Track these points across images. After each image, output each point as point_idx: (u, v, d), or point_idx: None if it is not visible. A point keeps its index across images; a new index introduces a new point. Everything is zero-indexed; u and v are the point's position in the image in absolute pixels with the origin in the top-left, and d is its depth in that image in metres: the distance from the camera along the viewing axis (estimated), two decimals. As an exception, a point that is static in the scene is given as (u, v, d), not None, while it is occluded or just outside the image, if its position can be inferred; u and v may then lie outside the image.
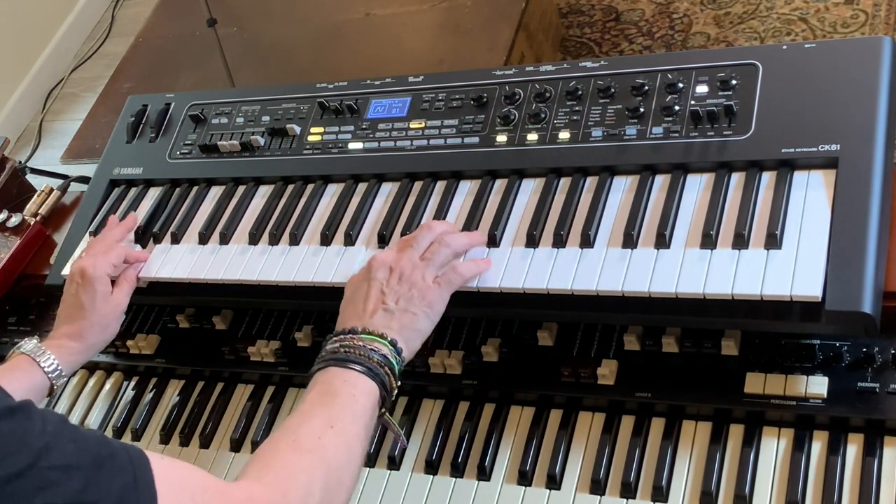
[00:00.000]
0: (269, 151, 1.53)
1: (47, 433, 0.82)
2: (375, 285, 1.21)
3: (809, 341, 1.18)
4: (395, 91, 1.50)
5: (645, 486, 1.19)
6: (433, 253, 1.24)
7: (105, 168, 1.67)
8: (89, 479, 0.81)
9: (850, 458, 1.12)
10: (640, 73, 1.33)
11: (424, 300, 1.20)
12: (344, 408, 1.09)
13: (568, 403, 1.28)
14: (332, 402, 1.09)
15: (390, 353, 1.15)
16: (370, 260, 1.25)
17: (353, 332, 1.16)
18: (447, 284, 1.22)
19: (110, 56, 4.06)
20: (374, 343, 1.15)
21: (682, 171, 1.25)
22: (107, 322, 1.41)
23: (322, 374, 1.13)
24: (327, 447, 1.05)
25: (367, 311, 1.19)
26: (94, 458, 0.83)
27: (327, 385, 1.11)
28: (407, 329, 1.18)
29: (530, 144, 1.34)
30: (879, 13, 2.86)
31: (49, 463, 0.80)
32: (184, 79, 3.46)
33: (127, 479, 0.84)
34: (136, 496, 0.84)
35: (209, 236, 1.48)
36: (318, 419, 1.07)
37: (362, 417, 1.10)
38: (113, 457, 0.85)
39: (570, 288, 1.19)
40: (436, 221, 1.30)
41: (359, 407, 1.10)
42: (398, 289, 1.20)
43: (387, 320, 1.18)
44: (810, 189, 1.17)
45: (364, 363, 1.13)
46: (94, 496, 0.81)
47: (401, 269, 1.21)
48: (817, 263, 1.09)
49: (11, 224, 1.75)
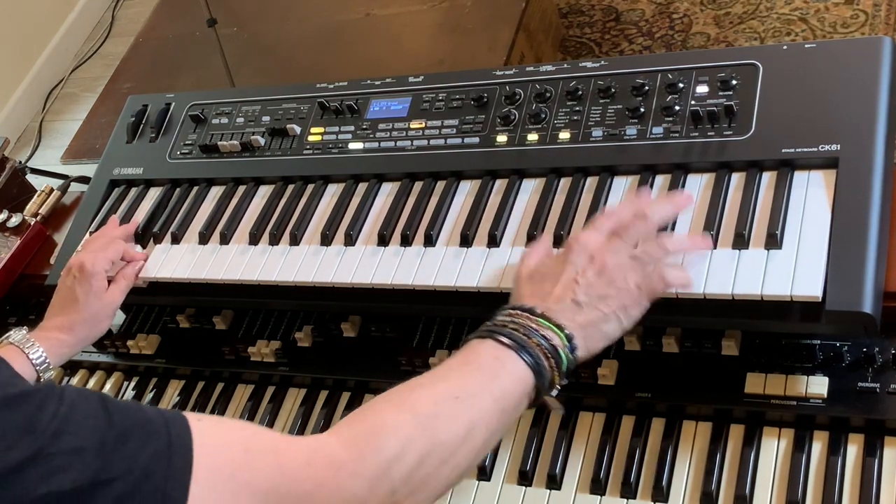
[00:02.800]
0: (270, 151, 1.53)
1: (59, 417, 0.77)
2: (570, 270, 1.08)
3: (809, 341, 1.18)
4: (395, 91, 1.50)
5: (645, 486, 1.19)
6: (646, 254, 1.09)
7: (105, 168, 1.67)
8: (107, 456, 0.77)
9: (851, 458, 1.12)
10: (640, 73, 1.33)
11: (620, 303, 1.06)
12: (481, 383, 0.96)
13: (568, 403, 1.28)
14: (469, 372, 0.97)
15: (562, 346, 1.02)
16: (571, 239, 1.12)
17: (530, 311, 1.04)
18: (649, 292, 1.08)
19: (110, 56, 4.06)
20: (547, 330, 1.02)
21: (683, 171, 1.25)
22: (98, 318, 1.40)
23: (474, 343, 1.01)
24: (440, 415, 0.92)
25: (552, 295, 1.06)
26: (119, 431, 0.78)
27: (474, 354, 0.99)
28: (591, 327, 1.05)
29: (530, 144, 1.34)
30: (879, 13, 2.86)
31: (57, 448, 0.76)
32: (184, 79, 3.46)
33: (159, 446, 0.79)
34: (168, 462, 0.78)
35: (209, 236, 1.48)
36: (443, 384, 0.95)
37: (500, 402, 0.96)
38: (144, 425, 0.80)
39: (571, 288, 1.19)
40: (658, 207, 1.13)
41: (499, 389, 0.97)
42: (595, 282, 1.06)
43: (571, 312, 1.05)
44: (810, 189, 1.17)
45: (527, 346, 1.00)
46: (113, 472, 0.76)
47: (603, 262, 1.07)
48: (817, 263, 1.09)
49: (11, 224, 1.75)
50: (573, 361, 1.04)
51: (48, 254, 1.70)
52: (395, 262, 1.31)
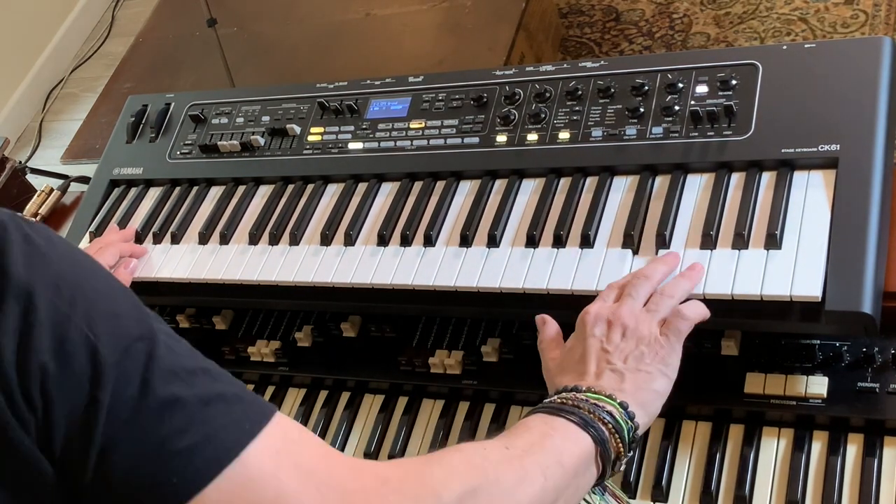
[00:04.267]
0: (269, 151, 1.53)
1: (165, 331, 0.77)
2: (594, 343, 1.05)
3: (809, 341, 1.18)
4: (395, 91, 1.50)
5: (645, 486, 1.19)
6: (656, 304, 1.09)
7: (105, 168, 1.67)
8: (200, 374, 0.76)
9: (850, 458, 1.12)
10: (640, 73, 1.33)
11: (657, 356, 1.04)
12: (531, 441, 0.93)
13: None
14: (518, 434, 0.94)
15: (619, 414, 0.98)
16: (582, 314, 1.10)
17: (575, 390, 1.01)
18: (676, 335, 1.07)
19: (110, 56, 4.06)
20: (600, 401, 0.99)
21: (682, 171, 1.25)
22: None
23: (526, 419, 0.97)
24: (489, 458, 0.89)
25: (590, 373, 1.03)
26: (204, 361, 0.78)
27: (521, 423, 0.96)
28: (642, 391, 1.02)
29: (530, 144, 1.34)
30: (879, 13, 2.86)
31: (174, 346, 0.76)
32: (184, 79, 3.45)
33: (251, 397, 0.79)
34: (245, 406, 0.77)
35: (209, 236, 1.48)
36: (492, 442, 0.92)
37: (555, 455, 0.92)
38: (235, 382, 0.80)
39: (570, 288, 1.19)
40: (652, 267, 1.14)
41: (552, 445, 0.93)
42: (623, 346, 1.04)
43: (617, 381, 1.02)
44: (810, 189, 1.17)
45: (578, 413, 0.96)
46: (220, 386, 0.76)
47: (623, 323, 1.06)
48: (817, 263, 1.09)
49: (11, 224, 1.75)
50: (634, 429, 0.99)
51: (48, 254, 1.70)
52: (395, 262, 1.31)
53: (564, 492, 0.92)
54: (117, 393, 0.71)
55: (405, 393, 1.38)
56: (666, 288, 1.11)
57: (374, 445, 1.34)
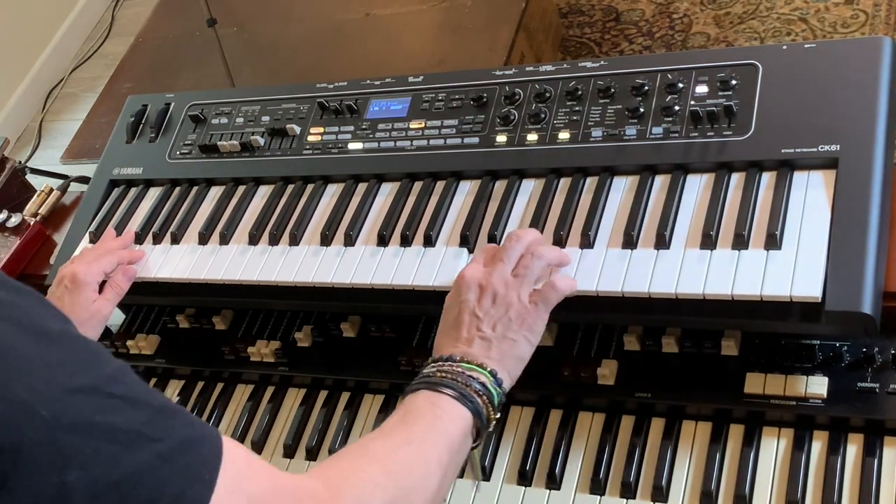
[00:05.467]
0: (269, 151, 1.53)
1: (116, 367, 0.81)
2: (467, 308, 1.13)
3: (809, 341, 1.18)
4: (395, 91, 1.50)
5: (645, 486, 1.19)
6: (526, 268, 1.15)
7: (105, 168, 1.67)
8: (153, 418, 0.79)
9: (850, 458, 1.12)
10: (640, 73, 1.33)
11: (524, 324, 1.12)
12: (427, 428, 1.02)
13: (568, 403, 1.29)
14: (413, 421, 1.02)
15: (490, 382, 1.07)
16: (458, 277, 1.17)
17: (450, 360, 1.09)
18: (545, 303, 1.14)
19: (110, 56, 4.06)
20: (472, 371, 1.07)
21: (682, 172, 1.25)
22: (84, 329, 1.34)
23: (410, 397, 1.06)
24: (399, 461, 0.98)
25: (462, 339, 1.11)
26: (159, 404, 0.81)
27: (412, 406, 1.05)
28: (508, 358, 1.10)
29: (530, 144, 1.34)
30: (879, 13, 2.86)
31: (113, 391, 0.78)
32: (184, 79, 3.46)
33: (194, 433, 0.82)
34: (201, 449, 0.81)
35: (209, 236, 1.48)
36: (395, 436, 1.01)
37: (446, 440, 1.01)
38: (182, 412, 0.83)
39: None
40: (524, 231, 1.20)
41: (443, 429, 1.02)
42: (493, 312, 1.11)
43: (485, 349, 1.10)
44: (810, 189, 1.16)
45: (458, 388, 1.05)
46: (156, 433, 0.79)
47: (494, 290, 1.12)
48: (817, 264, 1.09)
49: (11, 224, 1.75)
50: (502, 394, 1.08)
51: (48, 254, 1.70)
52: (395, 262, 1.31)
53: (452, 469, 1.03)
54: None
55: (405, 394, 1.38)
56: (536, 250, 1.17)
57: (374, 445, 1.34)
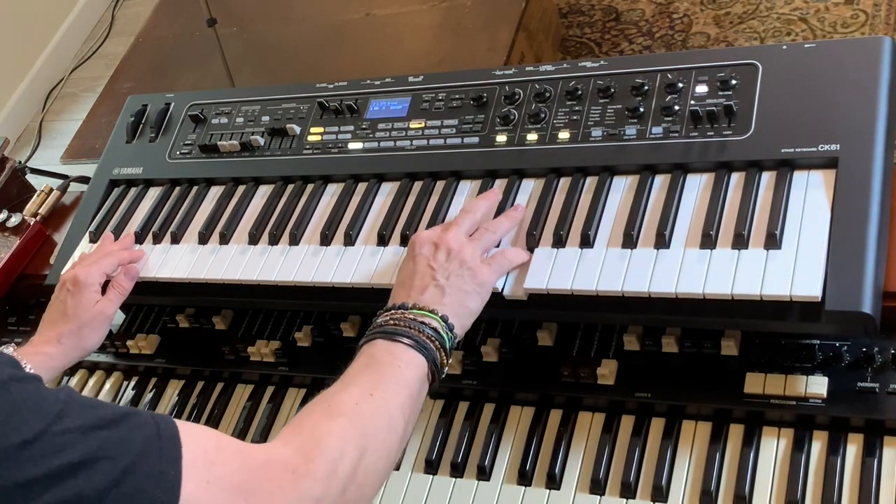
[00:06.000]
0: (269, 151, 1.53)
1: (60, 400, 0.83)
2: (421, 260, 1.18)
3: (809, 341, 1.18)
4: (395, 91, 1.50)
5: (645, 486, 1.19)
6: (479, 235, 1.23)
7: (105, 168, 1.67)
8: (106, 438, 0.82)
9: (850, 458, 1.12)
10: (640, 73, 1.33)
11: (476, 279, 1.17)
12: (386, 377, 1.05)
13: (568, 403, 1.28)
14: (373, 371, 1.06)
15: (441, 327, 1.11)
16: (412, 239, 1.23)
17: (403, 308, 1.13)
18: (498, 266, 1.20)
19: (110, 56, 4.06)
20: (424, 317, 1.11)
21: (682, 171, 1.25)
22: (88, 330, 1.39)
23: (367, 347, 1.10)
24: (364, 413, 1.01)
25: (415, 287, 1.16)
26: (112, 416, 0.84)
27: (370, 357, 1.08)
28: (459, 307, 1.15)
29: (530, 144, 1.34)
30: (879, 13, 2.86)
31: (63, 427, 0.80)
32: (184, 79, 3.46)
33: (150, 432, 0.84)
34: (160, 446, 0.84)
35: (209, 236, 1.48)
36: (356, 387, 1.03)
37: (406, 389, 1.06)
38: (133, 415, 0.86)
39: (570, 288, 1.19)
40: (476, 203, 1.27)
41: (402, 378, 1.06)
42: (447, 265, 1.17)
43: (438, 296, 1.14)
44: (810, 189, 1.16)
45: (412, 336, 1.09)
46: (114, 451, 0.81)
47: (448, 246, 1.19)
48: (817, 263, 1.09)
49: (11, 224, 1.75)
50: (454, 339, 1.13)
51: (48, 254, 1.70)
52: (395, 261, 1.31)
53: (413, 416, 1.07)
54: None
55: (405, 393, 1.38)
56: (489, 224, 1.25)
57: (373, 445, 1.34)
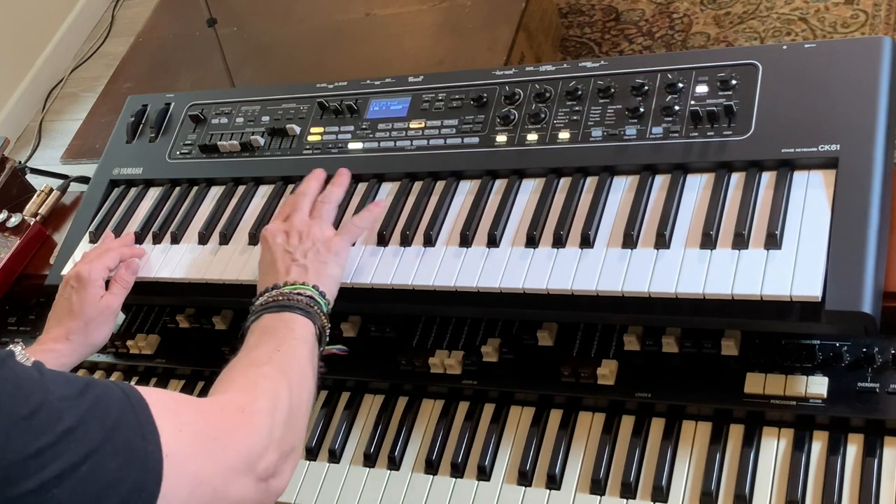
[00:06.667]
0: (269, 151, 1.53)
1: (41, 372, 0.85)
2: (278, 249, 1.28)
3: (809, 341, 1.18)
4: (395, 91, 1.50)
5: (645, 486, 1.19)
6: (319, 211, 1.33)
7: (105, 168, 1.67)
8: (90, 401, 0.85)
9: (850, 458, 1.12)
10: (640, 73, 1.33)
11: (330, 250, 1.28)
12: (285, 337, 1.15)
13: (568, 403, 1.29)
14: (272, 335, 1.15)
15: (316, 294, 1.22)
16: (262, 234, 1.33)
17: (276, 288, 1.22)
18: (348, 234, 1.32)
19: (110, 56, 4.06)
20: (297, 290, 1.21)
21: (682, 171, 1.25)
22: (96, 325, 1.39)
23: (257, 323, 1.19)
24: (280, 361, 1.10)
25: (280, 271, 1.25)
26: (84, 384, 0.87)
27: (263, 327, 1.17)
28: (322, 276, 1.25)
29: (530, 144, 1.34)
30: (879, 13, 2.86)
31: (56, 395, 0.83)
32: (184, 79, 3.45)
33: (118, 394, 0.88)
34: (131, 404, 0.88)
35: (209, 236, 1.48)
36: (263, 347, 1.13)
37: (304, 343, 1.15)
38: (97, 383, 0.88)
39: (570, 288, 1.19)
40: (305, 185, 1.38)
41: (298, 336, 1.16)
42: (301, 246, 1.28)
43: (301, 272, 1.25)
44: (810, 189, 1.17)
45: (293, 305, 1.19)
46: (99, 411, 0.84)
47: (297, 230, 1.30)
48: (817, 263, 1.09)
49: (11, 224, 1.75)
50: (328, 304, 1.24)
51: (48, 254, 1.70)
52: (395, 262, 1.31)
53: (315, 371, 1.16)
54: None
55: (405, 393, 1.38)
56: (323, 196, 1.37)
57: (374, 445, 1.34)
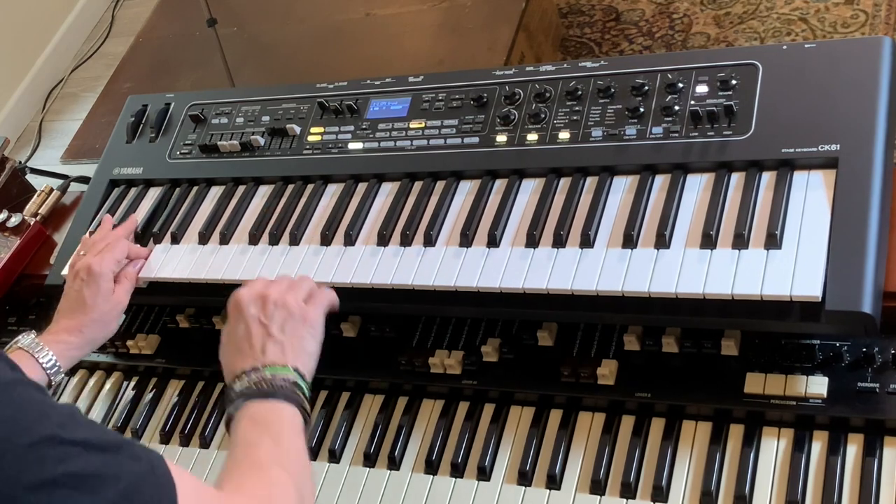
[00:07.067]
0: (269, 151, 1.53)
1: (64, 413, 0.84)
2: (253, 321, 1.21)
3: (809, 341, 1.18)
4: (395, 91, 1.50)
5: (645, 486, 1.19)
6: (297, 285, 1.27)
7: (105, 168, 1.67)
8: (107, 458, 0.83)
9: (850, 458, 1.12)
10: (640, 73, 1.33)
11: (306, 322, 1.22)
12: (280, 429, 1.10)
13: (568, 403, 1.28)
14: (266, 428, 1.10)
15: (296, 377, 1.16)
16: (234, 298, 1.25)
17: (255, 370, 1.16)
18: (320, 305, 1.26)
19: (110, 56, 4.06)
20: (278, 373, 1.15)
21: (682, 171, 1.25)
22: (107, 319, 1.41)
23: (243, 412, 1.12)
24: (284, 460, 1.06)
25: (256, 349, 1.18)
26: (112, 440, 0.85)
27: (252, 418, 1.11)
28: (300, 354, 1.20)
29: (530, 144, 1.34)
30: (879, 13, 2.86)
31: (72, 436, 0.81)
32: (184, 79, 3.46)
33: (143, 468, 0.86)
34: (156, 479, 0.86)
35: (209, 236, 1.48)
36: (264, 442, 1.08)
37: (298, 434, 1.11)
38: (130, 444, 0.87)
39: (570, 288, 1.19)
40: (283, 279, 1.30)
41: (291, 425, 1.11)
42: (277, 316, 1.21)
43: (279, 351, 1.18)
44: (810, 189, 1.17)
45: (276, 392, 1.13)
46: (113, 471, 0.82)
47: (273, 299, 1.22)
48: (817, 263, 1.09)
49: (11, 224, 1.75)
50: (308, 384, 1.19)
51: (48, 254, 1.70)
52: (395, 262, 1.31)
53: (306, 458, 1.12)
54: None
55: (405, 393, 1.38)
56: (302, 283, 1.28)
57: (374, 445, 1.34)
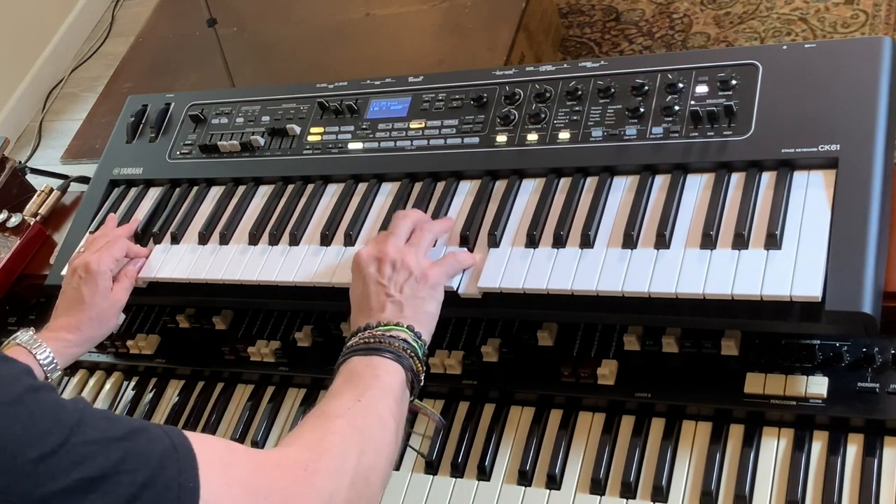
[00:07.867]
0: (269, 151, 1.53)
1: (78, 410, 0.83)
2: (371, 280, 1.19)
3: (809, 341, 1.18)
4: (395, 91, 1.50)
5: (645, 486, 1.19)
6: (417, 238, 1.24)
7: (105, 168, 1.67)
8: (126, 449, 0.82)
9: (850, 458, 1.12)
10: (640, 73, 1.33)
11: (427, 283, 1.19)
12: (370, 385, 1.07)
13: (568, 403, 1.28)
14: (357, 382, 1.08)
15: (411, 337, 1.14)
16: (354, 259, 1.24)
17: (368, 328, 1.15)
18: (447, 267, 1.22)
19: (110, 56, 4.06)
20: (392, 331, 1.13)
21: (682, 171, 1.25)
22: (106, 317, 1.41)
23: (344, 366, 1.11)
24: (357, 415, 1.03)
25: (373, 308, 1.17)
26: (127, 429, 0.85)
27: (350, 371, 1.10)
28: (419, 314, 1.17)
29: (530, 144, 1.34)
30: (879, 13, 2.86)
31: (84, 438, 0.81)
32: (184, 79, 3.46)
33: (165, 445, 0.85)
34: (177, 458, 0.85)
35: (209, 236, 1.48)
36: (344, 395, 1.06)
37: (391, 394, 1.08)
38: (147, 429, 0.87)
39: (570, 288, 1.19)
40: (409, 210, 1.31)
41: (385, 384, 1.08)
42: (396, 277, 1.18)
43: (398, 310, 1.16)
44: (810, 189, 1.17)
45: (385, 348, 1.11)
46: (132, 464, 0.82)
47: (391, 258, 1.20)
48: (817, 263, 1.09)
49: (11, 224, 1.75)
50: (424, 346, 1.15)
51: (48, 254, 1.70)
52: (395, 262, 1.31)
53: (402, 421, 1.10)
54: None
55: (405, 393, 1.38)
56: (424, 224, 1.26)
57: (374, 445, 1.34)
